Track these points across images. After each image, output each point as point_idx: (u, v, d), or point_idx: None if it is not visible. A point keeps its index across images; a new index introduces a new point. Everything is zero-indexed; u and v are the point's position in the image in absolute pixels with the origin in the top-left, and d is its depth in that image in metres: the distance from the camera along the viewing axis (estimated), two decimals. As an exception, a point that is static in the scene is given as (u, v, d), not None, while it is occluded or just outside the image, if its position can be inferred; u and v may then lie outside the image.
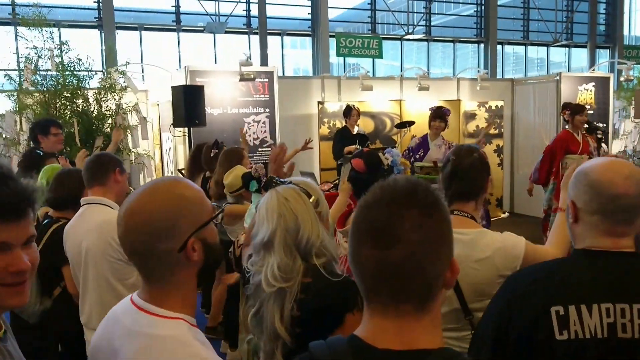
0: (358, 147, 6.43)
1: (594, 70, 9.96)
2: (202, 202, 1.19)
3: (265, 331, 1.61)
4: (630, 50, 10.93)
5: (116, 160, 2.64)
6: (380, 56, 11.91)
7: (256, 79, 6.66)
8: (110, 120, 6.20)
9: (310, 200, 1.72)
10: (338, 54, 10.99)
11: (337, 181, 5.96)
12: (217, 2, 13.70)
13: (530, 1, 17.89)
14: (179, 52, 13.66)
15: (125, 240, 1.15)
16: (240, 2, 13.93)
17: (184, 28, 13.64)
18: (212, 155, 4.58)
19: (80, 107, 6.08)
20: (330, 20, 14.92)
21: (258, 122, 6.75)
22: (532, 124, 8.75)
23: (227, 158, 3.99)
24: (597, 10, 18.85)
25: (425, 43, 16.80)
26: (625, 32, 19.59)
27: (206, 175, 4.64)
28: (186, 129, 6.13)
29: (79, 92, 6.10)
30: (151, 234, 1.11)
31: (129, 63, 6.53)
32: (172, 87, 5.87)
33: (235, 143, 6.62)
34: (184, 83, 6.19)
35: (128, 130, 6.17)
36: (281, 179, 1.87)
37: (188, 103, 5.73)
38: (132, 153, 6.42)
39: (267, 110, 6.78)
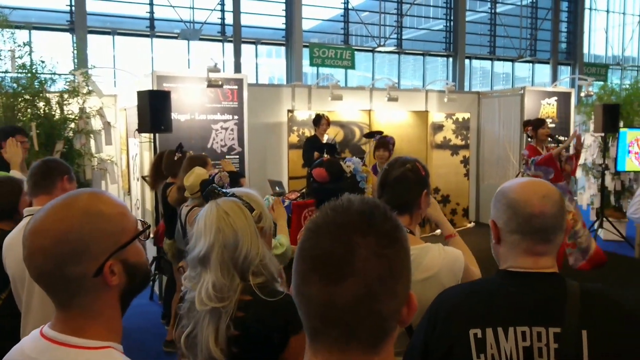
0: (326, 156, 6.46)
1: (556, 85, 10.24)
2: (123, 219, 1.05)
3: (199, 353, 1.52)
4: (590, 68, 11.27)
5: (64, 166, 2.45)
6: (353, 67, 12.03)
7: (225, 86, 6.63)
8: (72, 125, 6.08)
9: (253, 214, 1.64)
10: (311, 64, 11.06)
11: (304, 190, 5.97)
12: (191, 10, 13.67)
13: (497, 18, 18.37)
14: (152, 58, 13.56)
15: (29, 263, 1.00)
16: (215, 10, 13.92)
17: (157, 34, 13.55)
18: (175, 159, 4.52)
19: (42, 110, 5.95)
20: (304, 31, 15.02)
21: (226, 129, 6.72)
22: (497, 136, 8.93)
23: (190, 164, 3.92)
24: (560, 29, 19.46)
25: (397, 55, 17.04)
26: (585, 50, 20.24)
27: (167, 181, 4.55)
28: (152, 134, 6.03)
29: (41, 94, 5.97)
30: (58, 257, 0.97)
31: (94, 67, 6.44)
32: (137, 91, 5.79)
33: (203, 150, 6.60)
34: (151, 88, 6.12)
35: (91, 134, 6.07)
36: (224, 190, 1.77)
37: (154, 108, 5.58)
38: (95, 158, 6.31)
39: (236, 117, 6.76)
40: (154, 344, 4.79)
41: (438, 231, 8.02)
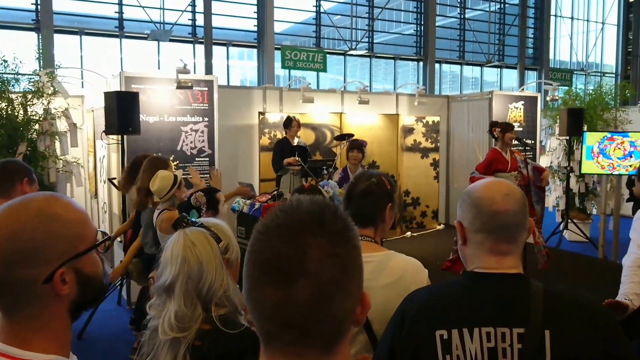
0: (298, 158, 6.46)
1: (523, 89, 10.46)
2: (82, 225, 1.00)
3: None
4: (556, 73, 11.58)
5: (25, 169, 2.39)
6: (325, 70, 12.08)
7: (195, 88, 6.57)
8: (37, 126, 5.94)
9: (220, 245, 1.65)
10: (283, 67, 11.06)
11: (275, 192, 5.95)
12: (162, 10, 13.51)
13: (466, 24, 18.69)
14: (121, 58, 13.34)
15: None
16: (185, 11, 13.79)
17: (127, 35, 13.34)
18: None
19: (4, 111, 5.79)
20: (276, 33, 14.99)
21: (196, 131, 6.65)
22: (466, 139, 9.06)
23: (151, 166, 3.85)
24: (526, 35, 19.91)
25: (368, 59, 17.17)
26: (551, 56, 20.73)
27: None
28: (120, 136, 5.94)
29: (3, 95, 5.81)
30: (7, 256, 0.92)
31: (59, 67, 6.30)
32: (104, 92, 5.69)
33: (172, 152, 6.52)
34: (119, 89, 6.03)
35: (56, 136, 5.93)
36: (192, 219, 1.77)
37: (121, 110, 5.50)
38: (60, 161, 6.17)
39: (206, 119, 6.69)
40: (122, 350, 4.71)
41: (408, 234, 8.11)
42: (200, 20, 13.99)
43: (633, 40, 22.45)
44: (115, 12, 13.21)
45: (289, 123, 6.99)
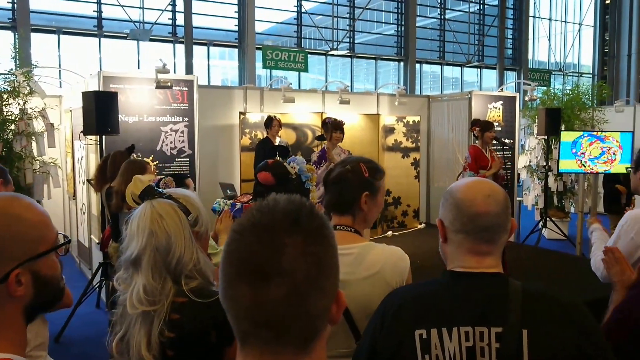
0: (279, 158, 6.44)
1: (502, 89, 10.57)
2: (43, 227, 0.99)
3: (131, 359, 1.48)
4: (534, 73, 11.70)
5: None
6: (306, 70, 12.03)
7: (175, 87, 6.52)
8: (13, 126, 5.84)
9: (189, 217, 1.61)
10: (264, 66, 10.99)
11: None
12: (141, 10, 13.37)
13: (446, 24, 18.84)
14: (100, 58, 13.18)
15: None
16: (165, 10, 13.67)
17: (106, 34, 13.18)
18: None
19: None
20: (257, 33, 14.94)
21: (176, 131, 6.60)
22: (446, 138, 9.13)
23: (128, 169, 3.81)
24: (505, 36, 20.15)
25: (349, 59, 17.22)
26: (530, 56, 21.02)
27: (111, 185, 4.40)
28: (98, 136, 5.87)
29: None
30: None
31: (36, 66, 6.20)
32: (82, 92, 5.62)
33: (152, 152, 6.47)
34: (98, 89, 5.96)
35: (32, 137, 5.83)
36: (161, 190, 1.72)
37: (100, 110, 5.45)
38: (37, 161, 6.07)
39: (186, 119, 6.64)
40: (100, 354, 4.65)
41: (389, 233, 8.13)
42: (180, 19, 13.89)
43: (609, 41, 22.86)
44: (94, 11, 13.05)
45: (270, 123, 6.98)
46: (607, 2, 22.82)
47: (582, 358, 1.22)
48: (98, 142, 5.92)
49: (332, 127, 6.63)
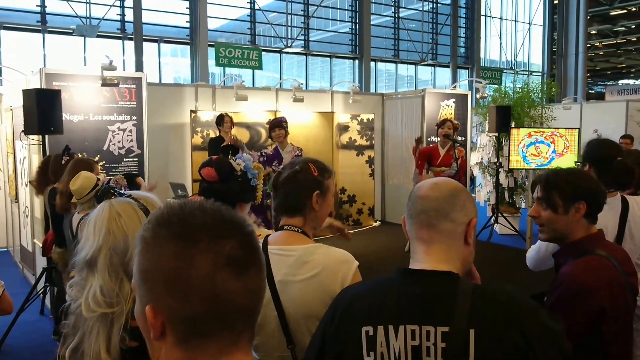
0: (232, 158, 6.33)
1: (455, 87, 10.74)
2: None
3: None
4: (486, 72, 11.95)
5: None
6: (260, 67, 11.89)
7: (122, 85, 6.32)
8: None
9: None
10: (217, 64, 10.80)
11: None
12: (87, 4, 12.91)
13: (400, 23, 19.03)
14: (44, 55, 12.65)
15: None
16: (113, 5, 13.25)
17: (50, 29, 12.66)
18: (63, 163, 4.30)
19: None
20: (210, 30, 14.69)
21: (124, 130, 6.40)
22: (400, 136, 9.20)
23: (75, 168, 3.69)
24: (458, 34, 20.52)
25: (304, 57, 17.17)
26: (482, 55, 21.49)
27: (55, 186, 4.30)
28: (40, 136, 5.63)
29: None
30: None
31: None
32: (23, 90, 5.37)
33: (98, 152, 6.25)
34: (39, 86, 5.72)
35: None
36: (120, 190, 1.65)
37: (42, 108, 5.22)
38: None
39: (134, 118, 6.45)
40: (43, 363, 4.46)
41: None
42: (129, 15, 13.49)
43: (558, 41, 23.60)
44: (37, 6, 12.50)
45: (221, 121, 6.89)
46: (555, 1, 23.54)
47: None
48: (41, 142, 5.69)
49: (270, 126, 6.73)
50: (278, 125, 6.61)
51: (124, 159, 6.40)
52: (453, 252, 1.35)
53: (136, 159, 6.46)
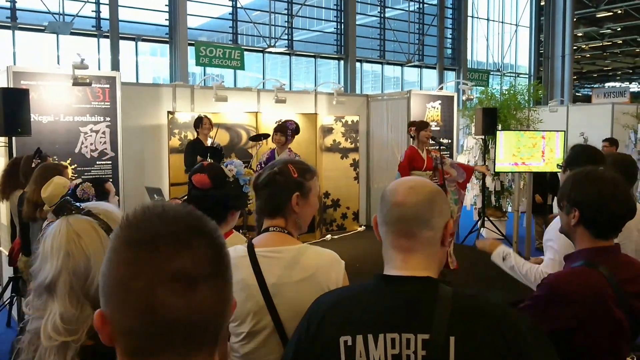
0: (210, 161, 6.09)
1: (441, 88, 10.59)
2: None
3: None
4: (473, 73, 11.87)
5: None
6: (242, 67, 11.63)
7: (96, 85, 6.05)
8: None
9: (110, 236, 1.38)
10: (197, 63, 10.53)
11: (185, 197, 5.56)
12: (60, 0, 12.51)
13: (386, 23, 18.88)
14: (14, 52, 12.24)
15: None
16: (88, 2, 12.86)
17: (20, 26, 12.25)
18: (33, 166, 4.16)
19: None
20: (190, 29, 14.38)
21: (97, 132, 6.11)
22: (386, 138, 9.01)
23: (42, 174, 3.55)
24: (445, 36, 20.46)
25: (288, 57, 16.94)
26: (469, 56, 21.51)
27: (25, 191, 4.11)
28: (7, 138, 5.39)
29: None
30: None
31: None
32: (-13, 89, 5.10)
33: (69, 155, 5.96)
34: (7, 85, 5.48)
35: None
36: (77, 204, 1.51)
37: (9, 108, 5.05)
38: None
39: (108, 119, 6.17)
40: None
41: (328, 236, 7.91)
42: (105, 12, 13.12)
43: (544, 43, 23.67)
44: (7, 1, 12.11)
45: (200, 123, 6.68)
46: (542, 3, 23.61)
47: None
48: (7, 145, 5.44)
49: (274, 128, 6.67)
50: (281, 130, 6.57)
51: (97, 162, 6.12)
52: (432, 258, 1.33)
53: (110, 162, 6.19)
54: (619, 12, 24.72)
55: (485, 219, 8.19)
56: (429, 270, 1.31)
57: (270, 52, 16.45)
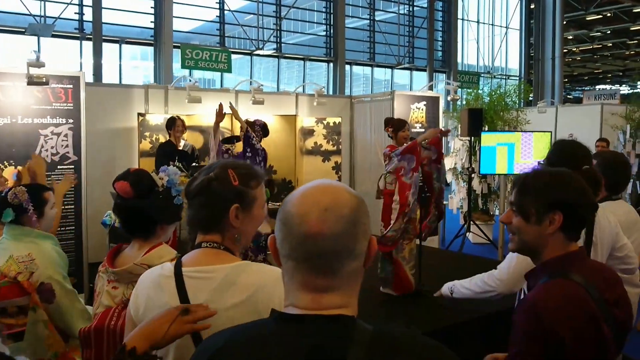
0: (178, 164, 5.82)
1: (431, 87, 10.32)
2: None
3: None
4: (463, 76, 11.63)
5: None
6: (229, 70, 11.34)
7: (57, 85, 5.77)
8: None
9: None
10: (183, 66, 10.25)
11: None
12: (42, 2, 12.24)
13: (376, 25, 18.65)
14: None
15: None
16: (71, 4, 12.60)
17: (0, 28, 12.00)
18: None
19: None
20: (176, 31, 14.14)
21: (58, 134, 5.82)
22: (369, 140, 8.74)
23: None
24: (435, 38, 20.26)
25: (277, 60, 16.70)
26: (459, 59, 21.32)
27: None
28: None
29: None
30: None
31: None
32: None
33: (28, 159, 5.65)
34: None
35: None
36: None
37: (-40, 110, 4.78)
38: None
39: (71, 121, 5.88)
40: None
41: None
42: (88, 14, 12.85)
43: (534, 45, 23.48)
44: (-14, 4, 11.90)
45: (172, 124, 6.44)
46: (532, 6, 23.43)
47: None
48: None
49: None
50: (249, 126, 6.21)
51: (58, 167, 5.83)
52: (352, 292, 1.07)
53: (72, 167, 5.89)
54: (608, 14, 24.55)
55: (472, 223, 7.90)
56: (346, 307, 1.05)
57: (258, 55, 16.19)
